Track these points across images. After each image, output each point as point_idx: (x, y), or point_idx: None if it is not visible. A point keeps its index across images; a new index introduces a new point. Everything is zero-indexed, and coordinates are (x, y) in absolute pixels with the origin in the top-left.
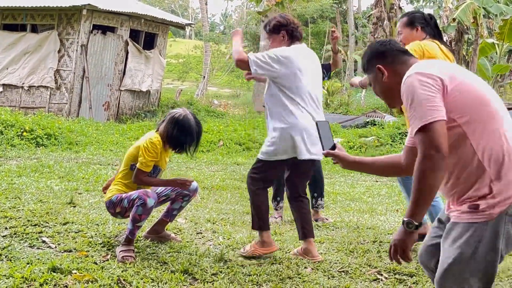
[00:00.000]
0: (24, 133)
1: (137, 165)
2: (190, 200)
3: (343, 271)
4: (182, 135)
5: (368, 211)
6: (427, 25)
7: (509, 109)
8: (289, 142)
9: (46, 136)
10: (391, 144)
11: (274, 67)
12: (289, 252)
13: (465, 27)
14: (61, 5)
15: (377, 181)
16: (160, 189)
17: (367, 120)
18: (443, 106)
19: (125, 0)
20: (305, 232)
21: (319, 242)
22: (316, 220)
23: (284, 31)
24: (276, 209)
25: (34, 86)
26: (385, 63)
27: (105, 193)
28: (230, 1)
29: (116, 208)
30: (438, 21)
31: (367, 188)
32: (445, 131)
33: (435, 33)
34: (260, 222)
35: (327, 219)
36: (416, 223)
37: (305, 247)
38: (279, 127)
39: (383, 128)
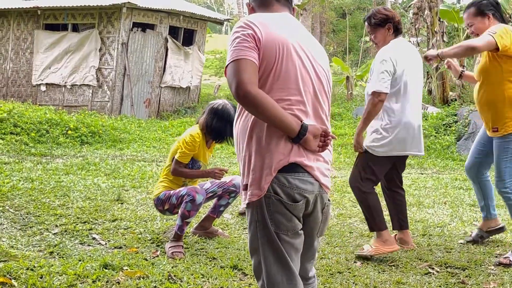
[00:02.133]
0: (69, 132)
1: (176, 156)
2: (237, 196)
3: (393, 265)
4: (221, 124)
5: (416, 204)
6: (497, 11)
7: None
8: (405, 138)
9: (90, 134)
10: (435, 136)
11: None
12: (337, 247)
13: (508, 15)
14: (102, 3)
15: (422, 174)
16: (207, 185)
17: None
18: None
19: None
20: (401, 223)
21: (368, 236)
22: None
23: (390, 24)
24: None
25: (77, 84)
26: None
27: None
28: None
29: (165, 205)
30: None
31: (413, 180)
32: None
33: (502, 18)
34: (378, 223)
35: None
36: None
37: (401, 236)
38: (389, 125)
39: (426, 119)
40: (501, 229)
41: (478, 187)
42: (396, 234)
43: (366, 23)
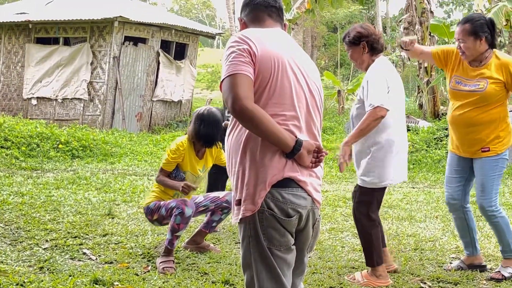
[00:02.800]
0: (60, 145)
1: (161, 164)
2: (229, 213)
3: None
4: (209, 129)
5: (407, 218)
6: (489, 34)
7: None
8: (403, 162)
9: (81, 148)
10: (426, 150)
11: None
12: (329, 261)
13: (498, 30)
14: (93, 17)
15: (413, 188)
16: (199, 199)
17: None
18: None
19: (155, 11)
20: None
21: (359, 250)
22: None
23: (365, 42)
24: None
25: (68, 98)
26: None
27: None
28: None
29: (154, 215)
30: None
31: (404, 194)
32: None
33: (493, 42)
34: (377, 258)
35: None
36: None
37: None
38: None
39: (417, 133)
40: (483, 267)
41: (462, 220)
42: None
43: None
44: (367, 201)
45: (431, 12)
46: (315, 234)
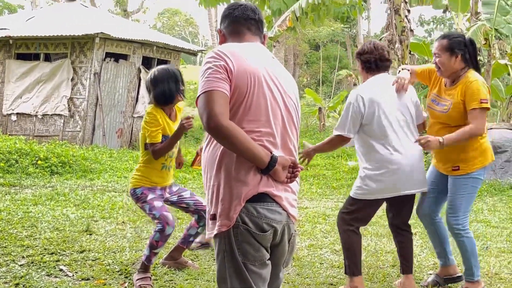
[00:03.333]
0: (39, 162)
1: (147, 140)
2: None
3: None
4: (160, 86)
5: (386, 235)
6: (466, 53)
7: None
8: (387, 180)
9: (60, 164)
10: None
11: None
12: (307, 278)
13: (477, 49)
14: (74, 34)
15: None
16: (186, 193)
17: None
18: None
19: (137, 28)
20: (404, 268)
21: (338, 267)
22: None
23: (358, 59)
24: None
25: (48, 114)
26: None
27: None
28: None
29: (138, 203)
30: None
31: (384, 211)
32: None
33: (473, 62)
34: (352, 267)
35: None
36: None
37: (403, 281)
38: (374, 165)
39: None
40: (458, 279)
41: (433, 231)
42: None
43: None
44: (351, 210)
45: (411, 30)
46: (291, 249)
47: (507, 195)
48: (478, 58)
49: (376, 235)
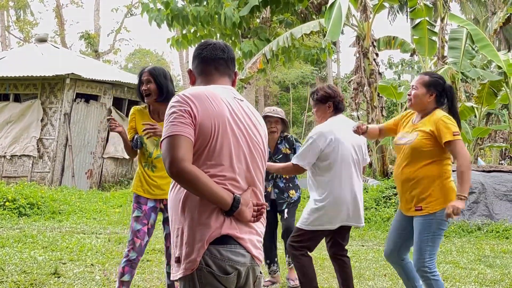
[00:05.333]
0: (7, 203)
1: None
2: None
3: None
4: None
5: (356, 276)
6: (443, 96)
7: (490, 171)
8: (335, 212)
9: (28, 205)
10: (375, 208)
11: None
12: None
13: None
14: (45, 74)
15: (363, 246)
16: (166, 230)
17: None
18: None
19: (107, 69)
20: None
21: None
22: (288, 279)
23: (331, 102)
24: (269, 273)
25: (17, 155)
26: None
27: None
28: None
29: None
30: None
31: (354, 253)
32: None
33: (450, 107)
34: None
35: (293, 280)
36: None
37: None
38: (324, 198)
39: (367, 192)
40: None
41: (401, 270)
42: None
43: (311, 98)
44: (300, 239)
45: (380, 73)
46: None
47: (474, 236)
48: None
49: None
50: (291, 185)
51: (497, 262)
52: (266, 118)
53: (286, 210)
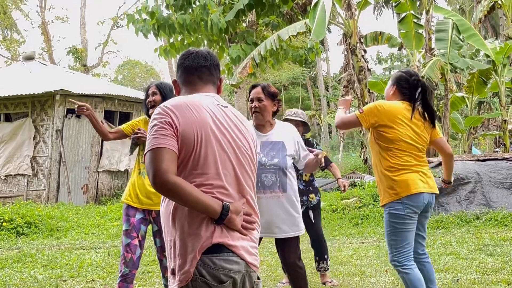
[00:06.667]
0: (4, 224)
1: None
2: None
3: None
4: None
5: (358, 274)
6: (403, 86)
7: (484, 160)
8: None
9: (26, 224)
10: (373, 204)
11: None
12: None
13: (434, 84)
14: (34, 92)
15: (363, 243)
16: (157, 243)
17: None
18: None
19: (96, 83)
20: None
21: None
22: (323, 283)
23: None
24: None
25: (11, 174)
26: None
27: None
28: None
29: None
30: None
31: (354, 250)
32: None
33: (415, 96)
34: None
35: (330, 282)
36: None
37: None
38: None
39: (363, 188)
40: None
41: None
42: None
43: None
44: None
45: (369, 70)
46: None
47: (473, 226)
48: (435, 92)
49: (348, 275)
50: (311, 189)
51: (497, 251)
52: (287, 121)
53: (311, 214)
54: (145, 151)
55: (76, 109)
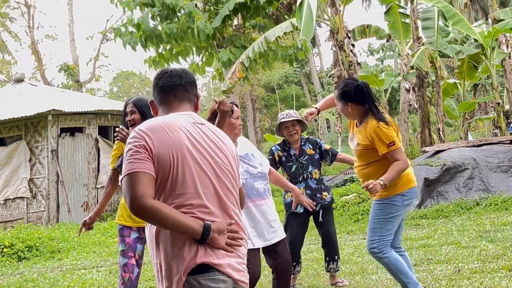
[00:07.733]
0: (5, 249)
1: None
2: None
3: None
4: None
5: (359, 272)
6: (354, 96)
7: (480, 145)
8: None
9: (27, 248)
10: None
11: None
12: None
13: (424, 73)
14: (26, 114)
15: (364, 239)
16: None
17: (345, 178)
18: None
19: (88, 99)
20: None
21: None
22: (333, 285)
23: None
24: (293, 274)
25: (10, 198)
26: None
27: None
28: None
29: (119, 245)
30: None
31: (355, 247)
32: None
33: (370, 104)
34: None
35: (341, 282)
36: None
37: None
38: None
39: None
40: None
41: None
42: None
43: None
44: None
45: (358, 64)
46: None
47: (474, 212)
48: (426, 81)
49: (350, 274)
50: (322, 187)
51: (498, 236)
52: (282, 124)
53: (321, 214)
54: (121, 177)
55: (115, 135)
